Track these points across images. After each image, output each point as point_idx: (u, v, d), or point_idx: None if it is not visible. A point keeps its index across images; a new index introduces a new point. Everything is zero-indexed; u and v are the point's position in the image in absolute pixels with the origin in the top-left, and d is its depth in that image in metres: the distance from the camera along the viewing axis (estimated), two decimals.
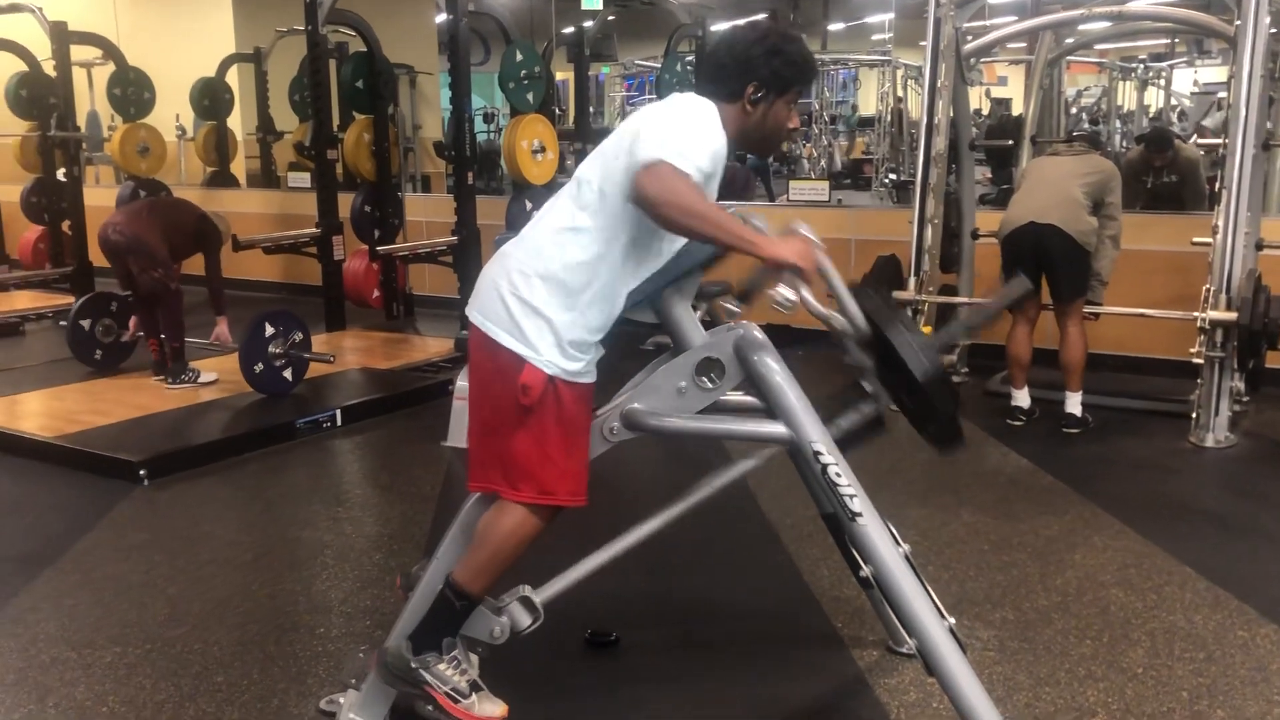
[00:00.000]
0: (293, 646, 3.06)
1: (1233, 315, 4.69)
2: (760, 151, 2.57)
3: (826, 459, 2.32)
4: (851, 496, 2.32)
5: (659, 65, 8.47)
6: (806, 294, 2.13)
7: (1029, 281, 2.34)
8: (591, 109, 10.68)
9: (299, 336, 5.52)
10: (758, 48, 2.31)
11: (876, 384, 2.38)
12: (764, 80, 2.31)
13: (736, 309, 2.34)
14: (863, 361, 2.35)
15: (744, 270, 2.42)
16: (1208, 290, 4.77)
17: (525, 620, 2.38)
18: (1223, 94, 9.80)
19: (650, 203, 2.08)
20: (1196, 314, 4.77)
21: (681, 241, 2.34)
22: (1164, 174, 6.93)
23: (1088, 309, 5.06)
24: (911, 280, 5.55)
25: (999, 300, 3.86)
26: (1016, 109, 12.74)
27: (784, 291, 2.11)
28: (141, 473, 4.44)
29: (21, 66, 8.18)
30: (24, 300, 8.10)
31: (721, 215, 2.11)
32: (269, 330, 5.37)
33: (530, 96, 6.71)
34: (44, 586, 3.47)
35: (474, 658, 2.46)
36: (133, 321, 5.98)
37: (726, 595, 3.41)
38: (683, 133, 2.19)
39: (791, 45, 2.34)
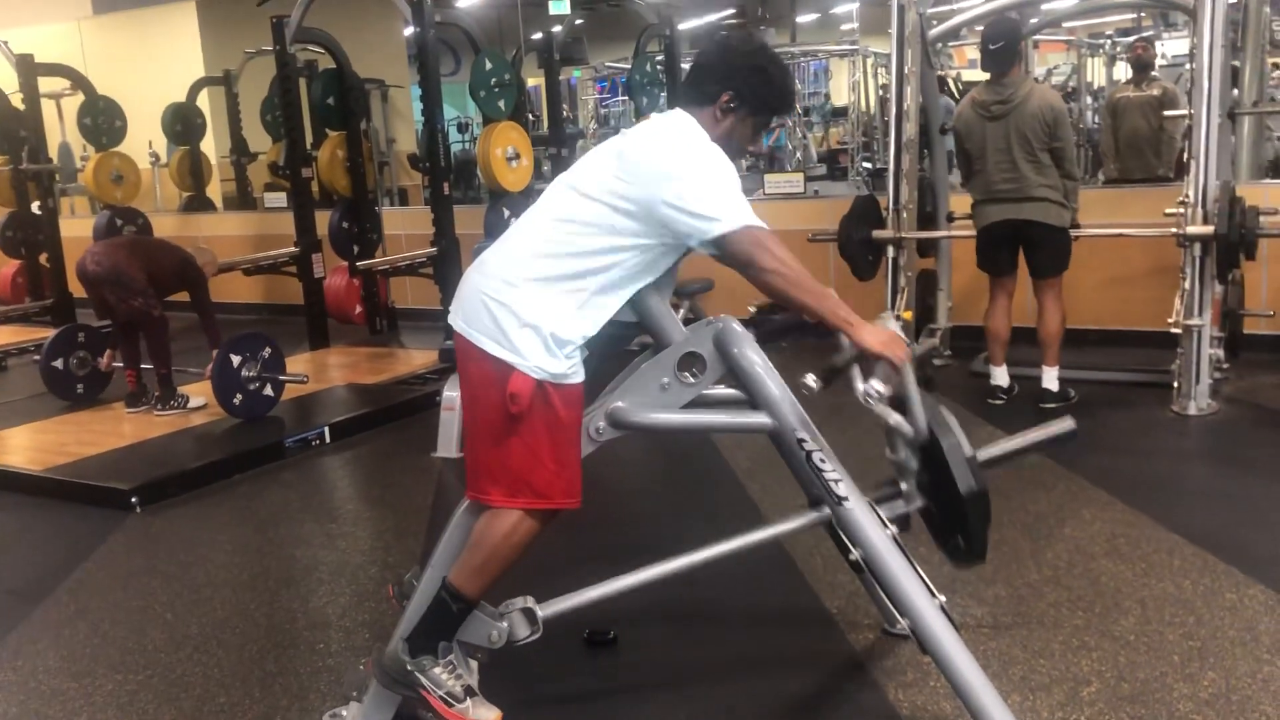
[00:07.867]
0: (293, 663, 3.07)
1: (1210, 228, 4.70)
2: None
3: (810, 445, 2.36)
4: (836, 481, 2.35)
5: (629, 66, 8.49)
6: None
7: (1072, 422, 2.43)
8: (565, 113, 10.71)
9: (268, 352, 5.46)
10: (747, 60, 2.35)
11: (914, 486, 2.44)
12: (740, 93, 2.35)
13: (814, 385, 2.35)
14: (909, 462, 2.42)
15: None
16: (1183, 202, 4.78)
17: (524, 631, 2.39)
18: (1189, 66, 9.86)
19: (758, 269, 2.20)
20: (1174, 230, 4.78)
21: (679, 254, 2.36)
22: None
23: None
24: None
25: (1038, 437, 3.80)
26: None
27: (877, 385, 2.22)
28: (133, 500, 4.44)
29: None
30: (4, 335, 8.08)
31: (822, 291, 2.24)
32: (235, 360, 5.32)
33: (502, 104, 6.73)
34: (42, 619, 3.48)
35: (472, 664, 2.48)
36: (108, 353, 5.93)
37: (721, 588, 3.41)
38: (724, 183, 2.24)
39: (777, 70, 2.39)
